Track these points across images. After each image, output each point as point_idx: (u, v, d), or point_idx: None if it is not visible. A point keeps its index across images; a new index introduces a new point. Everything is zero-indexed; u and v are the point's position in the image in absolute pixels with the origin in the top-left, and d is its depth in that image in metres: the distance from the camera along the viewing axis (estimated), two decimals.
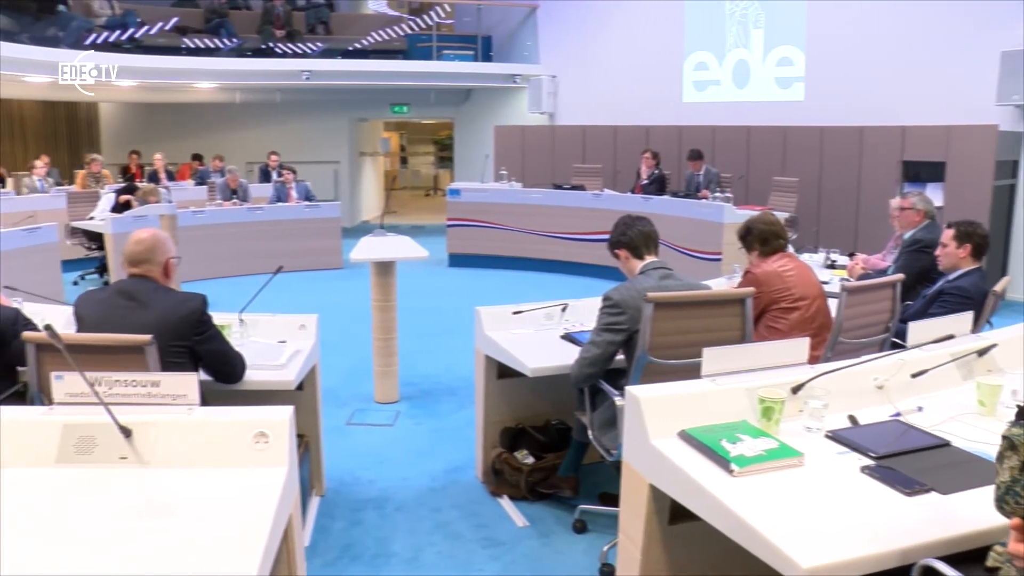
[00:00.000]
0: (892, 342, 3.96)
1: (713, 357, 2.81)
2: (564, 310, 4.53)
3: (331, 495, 4.42)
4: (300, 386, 3.84)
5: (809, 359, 3.01)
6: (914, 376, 2.95)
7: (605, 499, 4.11)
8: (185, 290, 3.43)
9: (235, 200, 11.51)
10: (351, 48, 14.95)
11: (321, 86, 14.67)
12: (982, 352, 3.16)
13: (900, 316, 4.09)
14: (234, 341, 3.66)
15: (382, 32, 15.16)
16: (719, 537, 2.20)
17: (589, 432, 3.73)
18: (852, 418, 2.71)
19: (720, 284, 5.08)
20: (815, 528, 2.04)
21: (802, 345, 3.00)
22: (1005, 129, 9.01)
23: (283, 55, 14.38)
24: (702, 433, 2.49)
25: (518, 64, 14.88)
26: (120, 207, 10.14)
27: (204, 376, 3.32)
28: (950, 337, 3.24)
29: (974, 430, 2.64)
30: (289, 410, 2.43)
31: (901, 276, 4.17)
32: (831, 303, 4.17)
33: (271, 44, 14.41)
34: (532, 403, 4.54)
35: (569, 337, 4.19)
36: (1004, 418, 2.58)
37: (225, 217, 11.04)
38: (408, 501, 4.35)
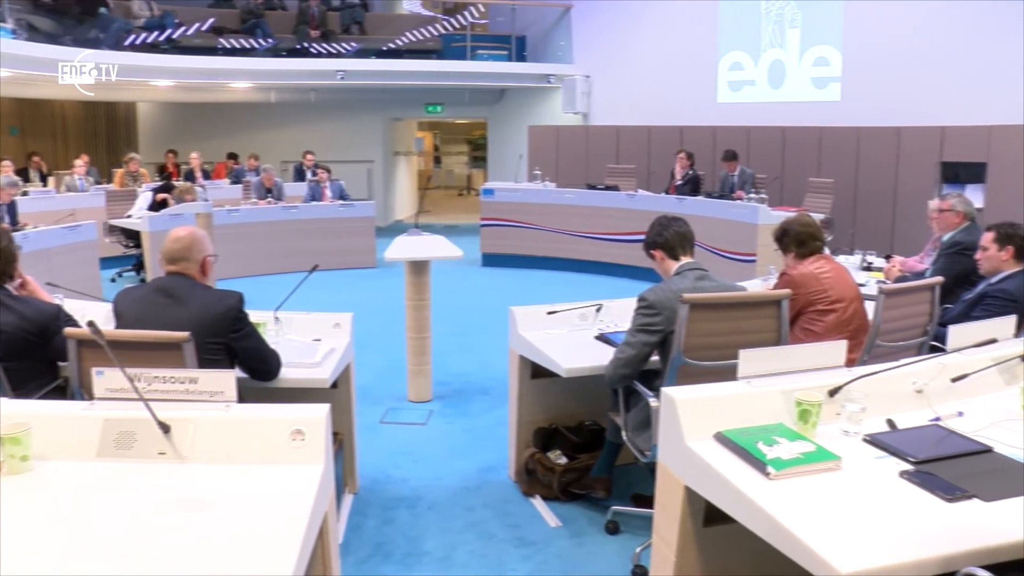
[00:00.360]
0: (931, 346, 3.91)
1: (749, 359, 2.79)
2: (598, 311, 4.52)
3: (364, 493, 4.44)
4: (334, 384, 3.86)
5: (846, 362, 2.98)
6: (954, 380, 2.90)
7: (638, 500, 4.11)
8: (221, 288, 3.46)
9: (270, 199, 11.60)
10: (385, 48, 15.02)
11: (355, 86, 14.73)
12: None
13: (939, 319, 4.03)
14: (269, 339, 3.68)
15: (416, 32, 15.20)
16: (754, 540, 2.18)
17: (623, 433, 3.72)
18: (890, 422, 2.67)
19: (755, 286, 5.04)
20: (853, 532, 2.01)
21: (839, 348, 2.97)
22: None
23: (318, 55, 14.47)
24: (738, 435, 2.47)
25: (552, 64, 14.87)
26: (157, 205, 10.26)
27: (239, 373, 3.34)
28: (992, 341, 3.18)
29: (1017, 436, 2.58)
30: (325, 408, 2.44)
31: (940, 279, 4.10)
32: (868, 306, 4.12)
33: (306, 44, 14.51)
34: (565, 403, 4.53)
35: (603, 338, 4.17)
36: None
37: (260, 216, 11.13)
38: (441, 500, 4.36)
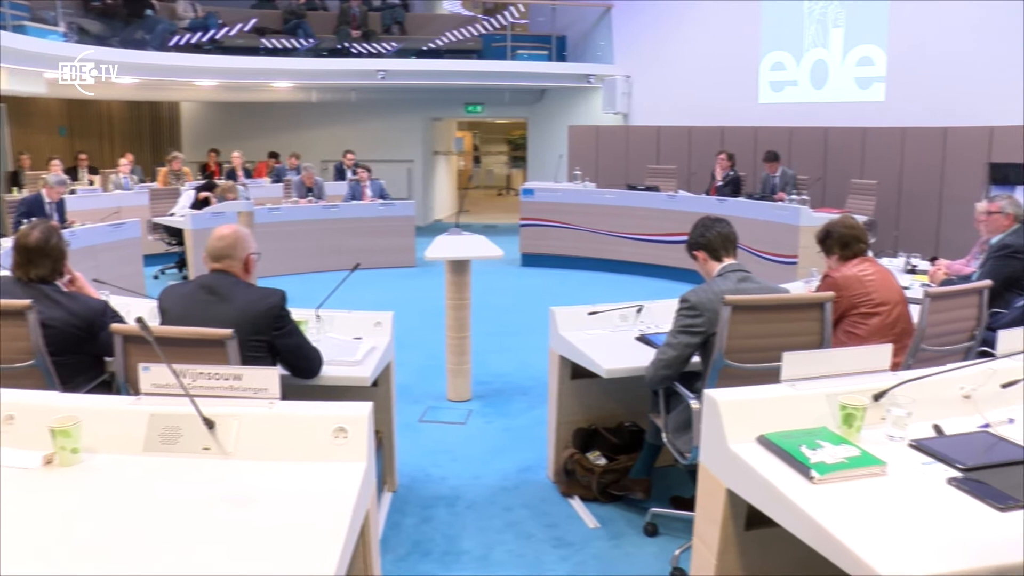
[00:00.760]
0: (979, 351, 3.84)
1: (793, 362, 2.76)
2: (639, 311, 4.50)
3: (403, 491, 4.46)
4: (375, 382, 3.88)
5: (890, 366, 2.94)
6: (1005, 386, 2.83)
7: (677, 503, 4.09)
8: (263, 286, 3.49)
9: (310, 197, 11.69)
10: (426, 48, 15.07)
11: (396, 85, 14.81)
12: None
13: (988, 323, 3.96)
14: (311, 337, 3.72)
15: (456, 32, 15.23)
16: (796, 545, 2.15)
17: (663, 435, 3.70)
18: (937, 428, 2.63)
19: (797, 288, 4.99)
20: (900, 539, 1.98)
21: (884, 351, 2.93)
22: None
23: (359, 55, 14.55)
24: (781, 439, 2.44)
25: (592, 64, 14.84)
26: (199, 204, 10.39)
27: (281, 371, 3.37)
28: None
29: None
30: (368, 406, 2.45)
31: (988, 282, 4.03)
32: (912, 309, 4.06)
33: (347, 44, 14.60)
34: (605, 404, 4.52)
35: (644, 339, 4.15)
36: None
37: (301, 214, 11.22)
38: (479, 499, 4.37)
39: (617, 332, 4.34)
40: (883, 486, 2.27)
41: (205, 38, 13.64)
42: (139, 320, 2.61)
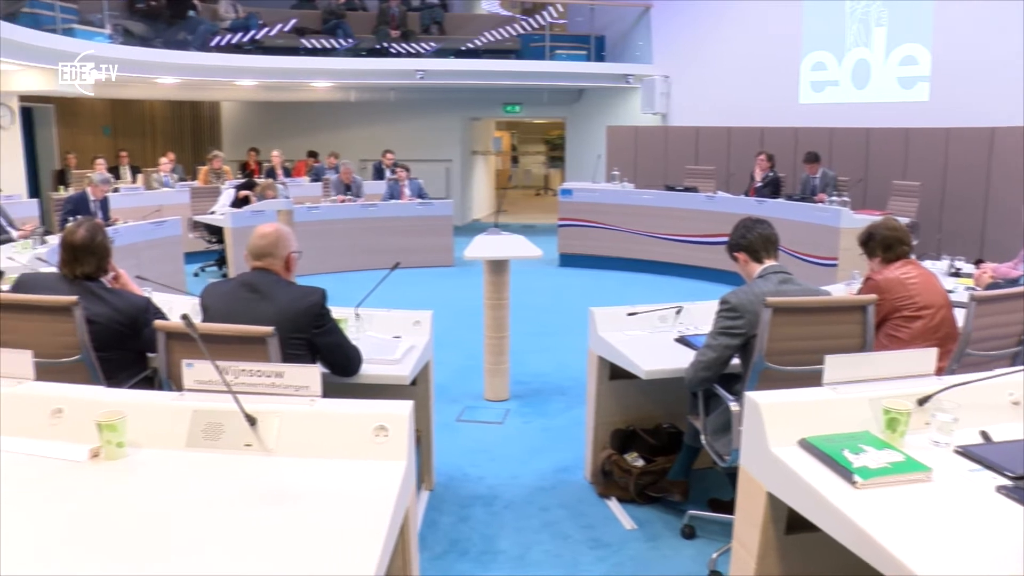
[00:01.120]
0: None
1: (836, 365, 2.73)
2: (678, 313, 4.47)
3: (440, 490, 4.48)
4: (413, 381, 3.88)
5: (935, 370, 2.89)
6: None
7: (715, 505, 4.06)
8: (303, 284, 3.51)
9: (348, 195, 11.75)
10: (464, 48, 15.10)
11: (434, 85, 14.87)
12: None
13: None
14: (350, 335, 3.74)
15: (495, 32, 15.24)
16: (837, 550, 2.12)
17: (701, 437, 3.68)
18: (984, 434, 2.58)
19: (838, 290, 4.94)
20: (947, 547, 1.94)
21: (929, 355, 2.88)
22: None
23: (397, 55, 14.62)
24: (824, 442, 2.41)
25: (631, 64, 14.79)
26: (239, 202, 10.50)
27: (321, 368, 3.39)
28: None
29: None
30: (409, 405, 2.45)
31: None
32: (957, 313, 4.00)
33: (386, 44, 14.68)
34: (643, 405, 4.50)
35: (684, 340, 4.13)
36: None
37: (339, 213, 11.29)
38: (516, 499, 4.37)
39: (656, 333, 4.32)
40: (929, 492, 2.23)
41: (246, 38, 13.78)
42: (184, 317, 2.64)
